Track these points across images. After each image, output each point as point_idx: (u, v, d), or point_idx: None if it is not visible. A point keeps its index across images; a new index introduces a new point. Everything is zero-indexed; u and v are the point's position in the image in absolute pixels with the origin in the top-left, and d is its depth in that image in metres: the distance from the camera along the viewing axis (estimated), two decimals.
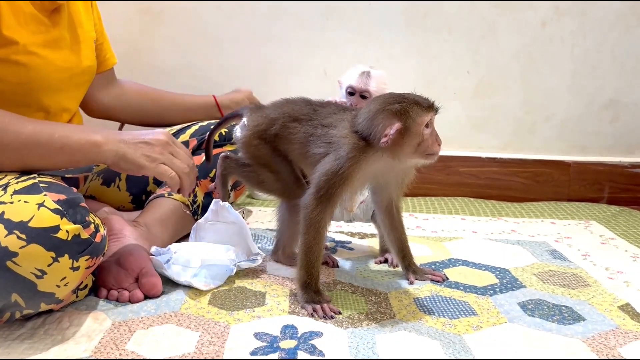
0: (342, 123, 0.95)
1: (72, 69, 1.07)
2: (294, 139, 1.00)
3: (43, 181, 0.82)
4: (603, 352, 0.81)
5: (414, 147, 0.89)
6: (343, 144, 0.91)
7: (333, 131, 0.95)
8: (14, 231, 0.73)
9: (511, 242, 1.32)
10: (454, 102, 1.78)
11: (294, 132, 1.00)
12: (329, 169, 0.90)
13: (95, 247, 0.81)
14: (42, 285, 0.76)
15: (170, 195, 1.19)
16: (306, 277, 0.92)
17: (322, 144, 0.95)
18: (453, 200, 1.72)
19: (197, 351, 0.78)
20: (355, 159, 0.90)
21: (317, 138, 0.97)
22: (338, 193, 0.91)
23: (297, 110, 1.02)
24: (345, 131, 0.93)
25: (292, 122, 1.01)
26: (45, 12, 1.00)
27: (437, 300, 0.97)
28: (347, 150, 0.90)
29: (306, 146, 0.98)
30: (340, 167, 0.89)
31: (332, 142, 0.94)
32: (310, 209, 0.91)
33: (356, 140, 0.91)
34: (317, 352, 0.78)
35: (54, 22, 1.03)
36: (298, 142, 1.00)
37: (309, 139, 0.98)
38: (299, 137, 0.99)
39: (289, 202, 1.06)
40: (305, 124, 0.99)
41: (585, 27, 1.71)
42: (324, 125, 0.97)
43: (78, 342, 0.80)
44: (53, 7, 1.02)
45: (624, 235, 1.39)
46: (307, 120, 0.99)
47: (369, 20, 1.72)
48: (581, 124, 1.79)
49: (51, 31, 1.01)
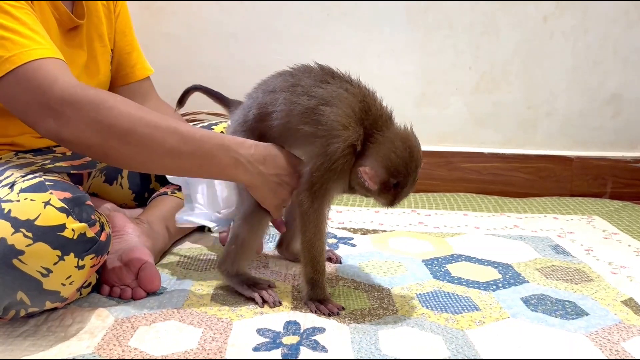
0: (340, 103, 0.86)
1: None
2: (272, 114, 0.91)
3: (49, 179, 0.82)
4: (606, 346, 0.81)
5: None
6: (338, 135, 0.84)
7: (327, 109, 0.86)
8: (21, 229, 0.73)
9: (514, 237, 1.32)
10: (455, 97, 1.77)
11: (272, 104, 0.91)
12: (320, 165, 0.86)
13: (100, 246, 0.81)
14: (47, 284, 0.76)
15: (174, 194, 1.19)
16: (312, 274, 0.91)
17: (309, 121, 0.87)
18: (455, 196, 1.71)
19: (200, 347, 0.78)
20: (349, 156, 0.86)
21: (304, 109, 0.87)
22: (333, 188, 0.89)
23: (270, 83, 0.94)
24: (347, 120, 0.85)
25: (269, 95, 0.92)
26: (62, 30, 0.98)
27: (440, 295, 0.97)
28: (342, 147, 0.85)
29: (288, 117, 0.89)
30: (333, 163, 0.85)
31: (324, 123, 0.85)
32: (306, 206, 0.89)
33: (356, 137, 0.85)
34: (319, 348, 0.78)
35: (71, 41, 1.01)
36: (278, 115, 0.90)
37: (291, 108, 0.88)
38: (279, 108, 0.90)
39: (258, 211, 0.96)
40: (284, 92, 0.90)
41: (587, 22, 1.71)
42: (312, 96, 0.87)
43: (81, 339, 0.80)
44: (72, 25, 1.00)
45: (627, 230, 1.38)
46: (286, 87, 0.90)
47: (371, 16, 1.72)
48: (583, 119, 1.78)
49: (65, 49, 0.98)
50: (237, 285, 0.95)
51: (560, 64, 1.74)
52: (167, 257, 1.13)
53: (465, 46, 1.74)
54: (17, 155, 0.99)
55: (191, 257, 1.14)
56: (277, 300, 0.92)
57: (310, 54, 1.77)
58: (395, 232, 1.34)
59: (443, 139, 1.81)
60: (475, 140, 1.81)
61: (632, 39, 1.71)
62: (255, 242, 0.97)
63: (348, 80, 0.90)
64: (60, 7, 0.96)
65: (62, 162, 1.00)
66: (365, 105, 0.87)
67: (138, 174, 1.28)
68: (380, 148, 0.86)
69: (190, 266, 1.09)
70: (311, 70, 0.92)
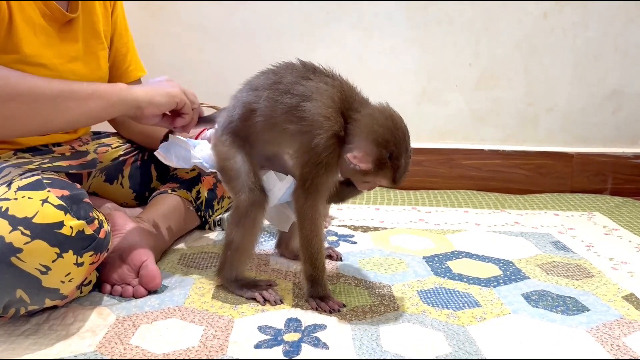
0: (320, 96, 0.86)
1: (79, 81, 1.06)
2: (256, 111, 0.91)
3: (47, 177, 0.82)
4: (607, 342, 0.81)
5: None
6: (321, 126, 0.84)
7: (308, 105, 0.85)
8: (19, 227, 0.73)
9: (514, 234, 1.32)
10: (455, 94, 1.77)
11: (256, 102, 0.90)
12: (308, 160, 0.86)
13: (99, 243, 0.81)
14: (46, 281, 0.76)
15: (174, 192, 1.19)
16: (312, 271, 0.91)
17: (293, 119, 0.86)
18: (456, 193, 1.71)
19: (202, 345, 0.78)
20: (334, 146, 0.85)
21: (287, 109, 0.87)
22: (323, 182, 0.88)
23: (253, 82, 0.93)
24: (327, 110, 0.85)
25: (252, 93, 0.92)
26: (56, 24, 1.00)
27: (441, 292, 0.97)
28: (326, 138, 0.84)
29: (274, 114, 0.89)
30: (319, 155, 0.84)
31: (306, 118, 0.85)
32: (301, 203, 0.89)
33: (339, 126, 0.85)
34: (321, 345, 0.78)
35: (66, 35, 1.02)
36: (262, 113, 0.90)
37: (275, 106, 0.88)
38: (262, 105, 0.90)
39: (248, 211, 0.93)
40: (267, 90, 0.89)
41: (587, 18, 1.70)
42: (293, 94, 0.87)
43: (82, 338, 0.80)
44: (65, 20, 1.01)
45: (627, 226, 1.38)
46: (268, 86, 0.90)
47: (370, 13, 1.72)
48: (584, 115, 1.78)
49: (61, 44, 1.01)
50: (238, 290, 0.95)
51: (561, 60, 1.74)
52: (167, 255, 1.13)
53: (465, 43, 1.74)
54: (16, 155, 0.99)
55: (192, 255, 1.14)
56: (278, 298, 0.92)
57: (310, 52, 1.79)
58: (396, 229, 1.34)
59: (443, 136, 1.80)
60: (476, 137, 1.81)
61: (633, 35, 1.71)
62: (251, 245, 0.96)
63: (329, 74, 0.90)
64: (51, 4, 0.98)
65: (61, 162, 1.00)
66: (343, 95, 0.87)
67: (139, 174, 1.28)
68: (361, 125, 0.84)
69: (191, 264, 1.09)
70: (293, 67, 0.91)
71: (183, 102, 0.98)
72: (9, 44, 0.92)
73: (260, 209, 0.93)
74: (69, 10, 1.02)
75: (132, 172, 1.27)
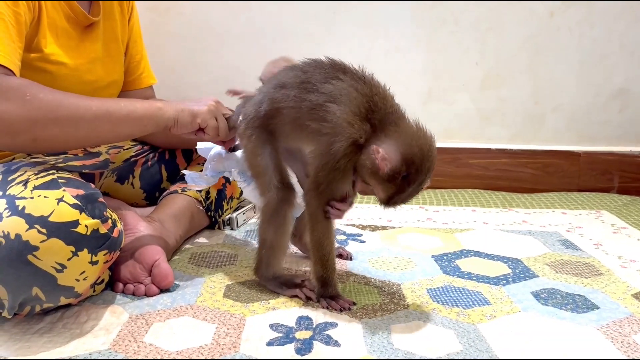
0: (348, 101, 0.84)
1: (97, 81, 1.08)
2: (284, 110, 0.90)
3: (62, 177, 0.83)
4: (617, 339, 0.81)
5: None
6: (342, 132, 0.83)
7: (333, 107, 0.84)
8: (35, 226, 0.74)
9: (522, 232, 1.32)
10: (462, 93, 1.78)
11: (284, 100, 0.90)
12: (325, 163, 0.85)
13: (113, 242, 0.82)
14: (62, 279, 0.77)
15: (184, 192, 1.20)
16: (322, 272, 0.91)
17: (316, 117, 0.85)
18: (463, 192, 1.72)
19: (215, 342, 0.79)
20: (352, 154, 0.84)
21: (312, 106, 0.86)
22: (339, 187, 0.88)
23: (281, 78, 0.93)
24: (353, 118, 0.83)
25: (280, 91, 0.91)
26: (78, 27, 1.03)
27: (450, 290, 0.98)
28: (345, 145, 0.83)
29: (299, 114, 0.88)
30: (337, 162, 0.84)
31: (329, 120, 0.84)
32: (314, 206, 0.89)
33: (360, 134, 0.83)
34: (332, 343, 0.79)
35: (87, 36, 1.05)
36: (289, 112, 0.90)
37: (302, 105, 0.87)
38: (290, 104, 0.89)
39: (275, 204, 0.94)
40: (295, 89, 0.89)
41: (593, 17, 1.70)
42: (321, 92, 0.86)
43: (96, 336, 0.81)
44: (87, 23, 1.04)
45: (635, 224, 1.38)
46: (296, 84, 0.89)
47: (376, 13, 1.72)
48: (590, 114, 1.78)
49: (82, 45, 1.04)
50: (277, 288, 0.96)
51: (567, 59, 1.74)
52: (178, 254, 1.14)
53: (471, 42, 1.74)
54: (30, 155, 1.00)
55: (203, 254, 1.15)
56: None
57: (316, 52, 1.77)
58: (404, 228, 1.35)
59: (450, 136, 1.81)
60: (482, 136, 1.81)
61: (638, 34, 1.71)
62: (284, 242, 0.96)
63: (360, 77, 0.87)
64: (75, 6, 1.01)
65: (75, 162, 1.01)
66: (373, 103, 0.85)
67: (149, 175, 1.29)
68: (400, 136, 0.82)
69: (202, 263, 1.10)
70: (322, 66, 0.90)
71: (205, 123, 0.99)
72: (33, 43, 0.94)
73: (289, 205, 0.93)
74: (90, 13, 1.05)
75: (142, 172, 1.28)
